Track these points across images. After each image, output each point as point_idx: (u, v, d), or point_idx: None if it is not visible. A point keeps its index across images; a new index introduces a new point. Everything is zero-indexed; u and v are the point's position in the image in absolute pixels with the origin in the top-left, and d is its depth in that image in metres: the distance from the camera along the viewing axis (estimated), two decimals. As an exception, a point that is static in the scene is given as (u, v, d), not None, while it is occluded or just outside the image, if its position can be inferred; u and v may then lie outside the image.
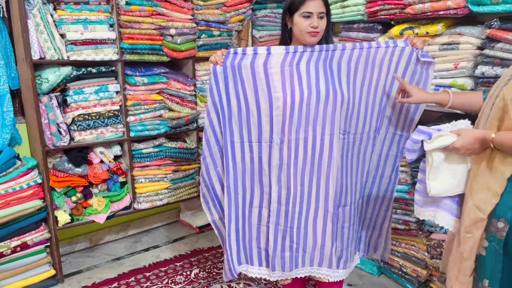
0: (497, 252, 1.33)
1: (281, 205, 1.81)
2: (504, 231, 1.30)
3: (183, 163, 2.95)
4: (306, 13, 1.66)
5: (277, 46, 1.72)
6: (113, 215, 2.73)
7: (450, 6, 2.06)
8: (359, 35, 2.56)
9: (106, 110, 2.58)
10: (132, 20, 2.54)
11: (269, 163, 1.79)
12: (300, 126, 1.73)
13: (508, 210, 1.28)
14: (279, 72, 1.69)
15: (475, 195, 1.35)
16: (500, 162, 1.30)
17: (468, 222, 1.36)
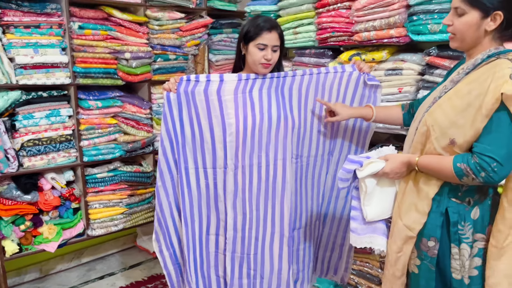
0: (429, 269, 1.41)
1: (237, 231, 1.82)
2: (435, 249, 1.38)
3: (139, 187, 2.91)
4: (261, 45, 1.71)
5: (230, 74, 1.76)
6: (65, 243, 2.63)
7: (393, 35, 2.19)
8: (311, 60, 2.66)
9: (58, 135, 2.52)
10: (85, 44, 2.51)
11: (224, 189, 1.80)
12: (253, 152, 1.76)
13: (437, 229, 1.37)
14: (232, 99, 1.73)
15: (404, 216, 1.43)
16: (424, 183, 1.39)
17: (399, 242, 1.43)
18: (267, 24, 1.71)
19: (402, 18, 2.15)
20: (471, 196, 1.35)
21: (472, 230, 1.35)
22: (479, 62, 1.31)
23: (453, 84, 1.37)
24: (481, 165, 1.22)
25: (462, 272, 1.37)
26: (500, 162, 1.21)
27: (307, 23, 2.65)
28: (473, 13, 1.28)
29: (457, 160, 1.27)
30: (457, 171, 1.27)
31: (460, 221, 1.35)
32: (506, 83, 1.19)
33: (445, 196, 1.37)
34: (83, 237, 2.74)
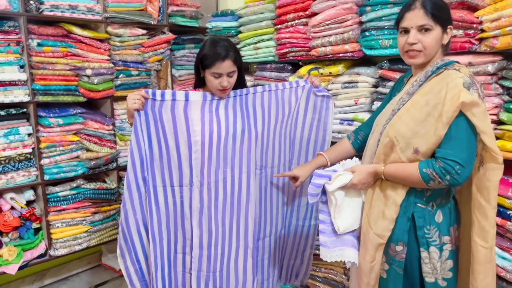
0: (397, 273, 1.48)
1: (203, 249, 1.85)
2: (403, 253, 1.45)
3: (103, 204, 2.87)
4: (216, 74, 1.76)
5: (195, 92, 1.81)
6: (26, 265, 2.56)
7: (348, 50, 2.31)
8: (272, 74, 2.74)
9: (17, 154, 2.46)
10: (45, 61, 2.49)
11: (190, 207, 1.83)
12: (218, 167, 1.81)
13: (405, 234, 1.44)
14: (199, 118, 1.78)
15: (374, 225, 1.49)
16: (391, 190, 1.46)
17: (372, 252, 1.49)
18: (221, 54, 1.72)
19: (355, 34, 2.27)
20: (433, 200, 1.44)
21: (438, 233, 1.43)
22: (430, 74, 1.42)
23: (409, 96, 1.46)
24: (446, 168, 1.31)
25: (435, 275, 1.44)
26: (463, 164, 1.30)
27: (267, 38, 2.73)
28: (437, 29, 1.39)
29: (422, 166, 1.36)
30: (423, 176, 1.35)
31: (426, 225, 1.43)
32: (462, 91, 1.29)
33: (411, 202, 1.45)
34: (45, 257, 2.67)
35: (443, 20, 1.39)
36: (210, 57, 1.73)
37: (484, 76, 1.90)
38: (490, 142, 1.32)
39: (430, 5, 1.38)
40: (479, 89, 1.33)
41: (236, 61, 1.79)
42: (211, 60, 1.73)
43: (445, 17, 1.38)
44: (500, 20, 1.81)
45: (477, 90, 1.32)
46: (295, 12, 2.52)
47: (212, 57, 1.73)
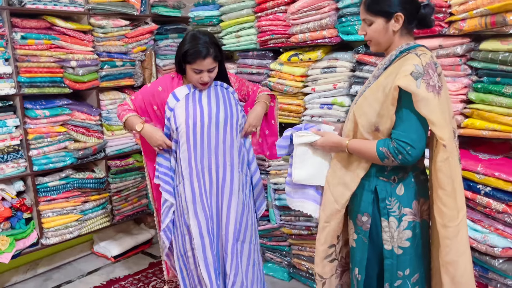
0: (364, 242, 1.59)
1: (203, 237, 1.91)
2: (368, 224, 1.56)
3: (92, 193, 2.94)
4: (197, 70, 1.83)
5: (181, 89, 1.93)
6: (19, 254, 2.62)
7: (325, 36, 2.38)
8: (254, 61, 2.81)
9: (5, 146, 2.51)
10: (29, 54, 2.53)
11: (185, 200, 1.93)
12: (203, 156, 1.91)
13: (369, 205, 1.55)
14: (184, 110, 1.88)
15: (333, 189, 1.60)
16: (356, 164, 1.56)
17: (328, 213, 1.61)
18: (202, 52, 1.78)
19: (332, 20, 2.34)
20: (395, 174, 1.53)
21: (398, 204, 1.52)
22: (394, 58, 1.50)
23: (374, 78, 1.55)
24: (398, 149, 1.40)
25: (392, 243, 1.54)
26: (413, 145, 1.40)
27: (248, 26, 2.79)
28: (379, 20, 1.48)
29: (379, 145, 1.45)
30: (379, 154, 1.44)
31: (388, 197, 1.53)
32: (405, 78, 1.37)
33: (373, 176, 1.55)
34: (37, 246, 2.74)
35: (382, 11, 1.47)
36: (191, 55, 1.79)
37: (454, 57, 1.99)
38: (436, 130, 1.38)
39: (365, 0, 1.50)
40: (430, 80, 1.37)
41: (217, 58, 1.85)
42: (192, 58, 1.79)
43: (384, 9, 1.46)
44: (467, 4, 1.90)
45: (427, 81, 1.37)
46: (274, 0, 2.58)
47: (193, 54, 1.79)
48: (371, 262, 1.61)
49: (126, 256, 3.22)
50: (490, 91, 1.88)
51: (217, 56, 1.84)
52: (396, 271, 1.55)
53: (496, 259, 1.89)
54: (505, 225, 1.88)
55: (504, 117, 1.84)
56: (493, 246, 1.89)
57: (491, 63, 1.87)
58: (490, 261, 1.90)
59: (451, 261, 1.46)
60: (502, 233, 1.87)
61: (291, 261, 2.80)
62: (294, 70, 2.55)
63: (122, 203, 3.13)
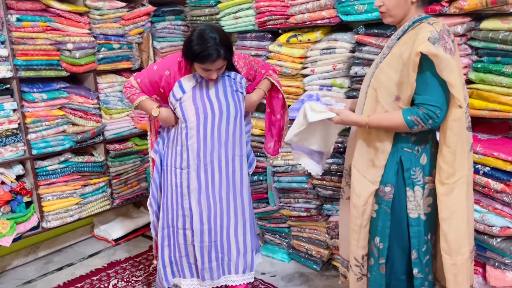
0: (386, 212, 1.64)
1: (203, 224, 1.96)
2: (391, 194, 1.62)
3: (92, 177, 2.94)
4: (206, 69, 1.81)
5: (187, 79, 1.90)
6: (20, 237, 2.64)
7: (325, 16, 2.36)
8: (252, 43, 2.78)
9: (4, 129, 2.50)
10: (25, 36, 2.50)
11: (188, 188, 1.95)
12: (213, 150, 1.92)
13: (393, 176, 1.61)
14: (192, 103, 1.88)
15: (367, 172, 1.65)
16: (379, 142, 1.61)
17: (365, 196, 1.65)
18: (213, 55, 1.72)
19: (331, 0, 2.31)
20: (418, 145, 1.59)
21: (422, 173, 1.59)
22: (406, 28, 1.55)
23: (389, 49, 1.60)
24: (428, 114, 1.45)
25: (418, 211, 1.61)
26: (441, 108, 1.46)
27: (246, 7, 2.76)
28: None
29: (406, 114, 1.49)
30: (408, 122, 1.49)
31: (412, 167, 1.59)
32: (424, 43, 1.41)
33: (398, 148, 1.60)
34: (38, 230, 2.75)
35: None
36: (201, 57, 1.74)
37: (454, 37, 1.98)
38: (455, 92, 1.44)
39: None
40: (446, 44, 1.44)
41: (227, 58, 1.79)
42: (201, 60, 1.75)
43: None
44: (469, -18, 1.87)
45: (444, 45, 1.43)
46: (273, -20, 2.55)
47: (203, 57, 1.73)
48: (394, 231, 1.65)
49: (127, 239, 3.24)
50: (490, 70, 1.87)
51: (227, 56, 1.78)
52: (423, 237, 1.62)
53: (494, 238, 1.91)
54: (503, 205, 1.89)
55: (504, 96, 1.83)
56: (491, 225, 1.90)
57: (492, 42, 1.85)
58: (488, 240, 1.92)
59: (444, 218, 1.54)
60: (500, 212, 1.89)
61: (291, 243, 2.83)
62: (293, 52, 2.53)
63: (122, 187, 3.14)
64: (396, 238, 1.66)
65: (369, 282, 1.74)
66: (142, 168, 3.23)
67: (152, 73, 1.94)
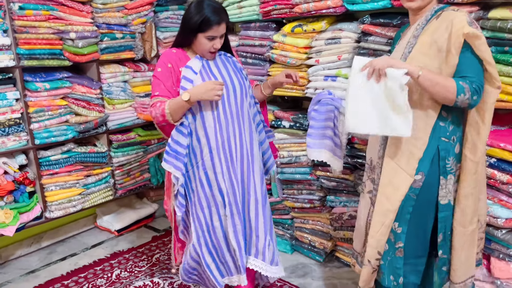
0: (411, 198, 1.64)
1: (232, 205, 1.91)
2: (421, 182, 1.62)
3: (95, 167, 2.93)
4: (211, 37, 1.80)
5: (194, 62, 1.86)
6: (23, 227, 2.64)
7: (330, 5, 2.33)
8: (256, 33, 2.76)
9: (6, 119, 2.49)
10: (28, 25, 2.48)
11: (214, 172, 1.89)
12: (228, 125, 1.88)
13: (428, 165, 1.60)
14: (201, 80, 1.84)
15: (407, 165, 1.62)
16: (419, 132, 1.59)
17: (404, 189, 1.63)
18: (216, 18, 1.75)
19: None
20: (454, 134, 1.61)
21: (455, 162, 1.62)
22: (430, 17, 1.58)
23: (415, 38, 1.60)
24: (476, 89, 1.48)
25: (449, 197, 1.63)
26: (483, 87, 1.51)
27: (251, -3, 2.73)
28: None
29: (458, 80, 1.49)
30: (459, 87, 1.47)
31: (448, 157, 1.60)
32: (466, 26, 1.46)
33: (436, 137, 1.60)
34: (41, 220, 2.75)
35: None
36: (207, 22, 1.75)
37: (462, 27, 1.95)
38: (493, 71, 1.51)
39: None
40: (477, 28, 1.50)
41: (228, 22, 1.85)
42: (207, 25, 1.76)
43: None
44: (477, -30, 1.85)
45: (476, 27, 1.50)
46: (278, -31, 2.52)
47: (209, 22, 1.75)
48: (421, 216, 1.65)
49: (129, 230, 3.25)
50: (498, 60, 1.84)
51: (228, 21, 1.85)
52: (451, 221, 1.65)
53: (499, 230, 1.90)
54: (509, 196, 1.88)
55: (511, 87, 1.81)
56: (497, 217, 1.89)
57: (500, 32, 1.83)
58: (493, 232, 1.91)
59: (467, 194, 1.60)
60: (506, 204, 1.88)
61: (294, 234, 2.82)
62: (297, 42, 2.50)
63: (125, 177, 3.13)
64: (415, 223, 1.66)
65: (383, 268, 1.72)
66: (145, 159, 3.23)
67: (162, 76, 1.85)
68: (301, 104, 2.96)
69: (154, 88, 1.86)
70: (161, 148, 3.32)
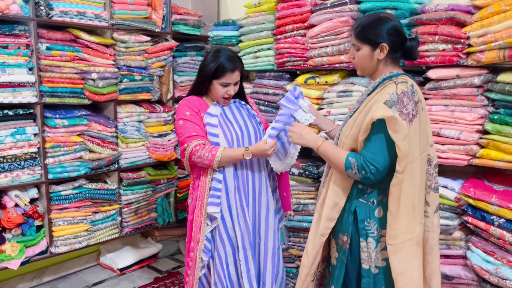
0: (342, 261, 1.64)
1: (246, 249, 1.93)
2: (347, 243, 1.61)
3: (103, 204, 2.96)
4: (224, 83, 1.89)
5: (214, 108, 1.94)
6: (27, 261, 2.63)
7: (343, 60, 2.43)
8: (270, 82, 2.85)
9: (23, 153, 2.55)
10: (53, 64, 2.59)
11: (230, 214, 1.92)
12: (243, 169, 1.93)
13: (349, 226, 1.60)
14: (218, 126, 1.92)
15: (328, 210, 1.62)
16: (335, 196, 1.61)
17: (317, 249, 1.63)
18: (230, 66, 1.87)
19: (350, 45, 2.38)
20: (375, 197, 1.58)
21: (377, 225, 1.57)
22: (377, 85, 1.56)
23: (358, 104, 1.62)
24: (363, 166, 1.47)
25: (370, 263, 1.58)
26: (377, 167, 1.46)
27: (267, 48, 2.85)
28: (365, 48, 1.57)
29: (350, 155, 1.51)
30: (346, 162, 1.50)
31: (366, 219, 1.58)
32: (380, 108, 1.43)
33: (354, 197, 1.60)
34: (46, 254, 2.75)
35: (369, 40, 1.54)
36: (221, 69, 1.86)
37: (471, 88, 2.02)
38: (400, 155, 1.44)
39: (357, 27, 1.58)
40: (404, 108, 1.44)
41: (242, 70, 1.95)
42: (222, 72, 1.86)
43: (371, 38, 1.54)
44: (486, 36, 1.93)
45: (400, 109, 1.43)
46: (294, 24, 2.64)
47: (223, 69, 1.86)
48: (350, 281, 1.64)
49: (132, 269, 3.22)
50: (506, 122, 1.90)
51: (242, 69, 1.95)
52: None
53: (509, 292, 1.87)
54: (519, 258, 1.87)
55: (519, 149, 1.85)
56: (505, 278, 1.87)
57: (508, 95, 1.89)
58: (503, 294, 1.88)
59: (395, 276, 1.52)
60: (515, 265, 1.86)
61: (298, 283, 2.78)
62: (310, 93, 2.58)
63: (132, 216, 3.14)
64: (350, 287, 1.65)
65: None
66: (153, 198, 3.25)
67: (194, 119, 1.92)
68: (311, 152, 3.00)
69: (189, 130, 1.90)
70: (169, 188, 3.35)
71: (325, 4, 2.47)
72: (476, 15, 1.98)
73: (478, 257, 2.00)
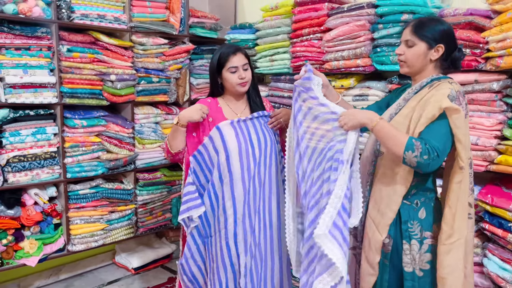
0: (384, 264, 1.61)
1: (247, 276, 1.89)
2: (389, 246, 1.59)
3: (119, 204, 3.00)
4: (232, 68, 1.91)
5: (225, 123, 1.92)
6: (45, 258, 2.69)
7: (359, 64, 2.42)
8: (285, 85, 2.86)
9: (43, 152, 2.61)
10: (73, 66, 2.65)
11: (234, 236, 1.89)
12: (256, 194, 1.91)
13: (392, 227, 1.58)
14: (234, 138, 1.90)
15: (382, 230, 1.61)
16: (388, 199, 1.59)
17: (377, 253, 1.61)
18: (231, 49, 1.92)
19: (367, 49, 2.38)
20: (418, 198, 1.58)
21: (420, 227, 1.57)
22: (425, 84, 1.58)
23: (405, 101, 1.62)
24: (429, 150, 1.41)
25: (414, 265, 1.56)
26: (439, 154, 1.42)
27: (283, 51, 2.86)
28: (422, 45, 1.56)
29: (412, 138, 1.45)
30: (409, 143, 1.42)
31: (410, 220, 1.57)
32: (445, 99, 1.45)
33: None
34: (63, 252, 2.80)
35: (428, 38, 1.54)
36: (223, 55, 1.91)
37: (489, 93, 2.00)
38: (460, 149, 1.46)
39: (415, 23, 1.58)
40: (461, 105, 1.48)
41: (247, 56, 1.97)
42: (225, 57, 1.90)
43: (430, 36, 1.54)
44: (506, 41, 1.91)
45: (460, 105, 1.47)
46: (311, 27, 2.65)
47: (225, 54, 1.91)
48: (391, 284, 1.62)
49: (146, 269, 3.26)
50: (525, 128, 1.87)
51: (246, 54, 1.96)
52: None
53: (526, 300, 1.84)
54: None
55: (539, 155, 1.82)
56: (523, 287, 1.84)
57: (528, 101, 1.86)
58: (520, 302, 1.85)
59: (440, 278, 1.51)
60: (534, 274, 1.83)
61: None
62: (326, 96, 2.58)
63: (147, 216, 3.18)
64: None
65: None
66: (168, 199, 3.28)
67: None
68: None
69: None
70: (184, 189, 3.38)
71: (342, 8, 2.48)
72: (495, 20, 1.96)
73: (495, 264, 1.98)
